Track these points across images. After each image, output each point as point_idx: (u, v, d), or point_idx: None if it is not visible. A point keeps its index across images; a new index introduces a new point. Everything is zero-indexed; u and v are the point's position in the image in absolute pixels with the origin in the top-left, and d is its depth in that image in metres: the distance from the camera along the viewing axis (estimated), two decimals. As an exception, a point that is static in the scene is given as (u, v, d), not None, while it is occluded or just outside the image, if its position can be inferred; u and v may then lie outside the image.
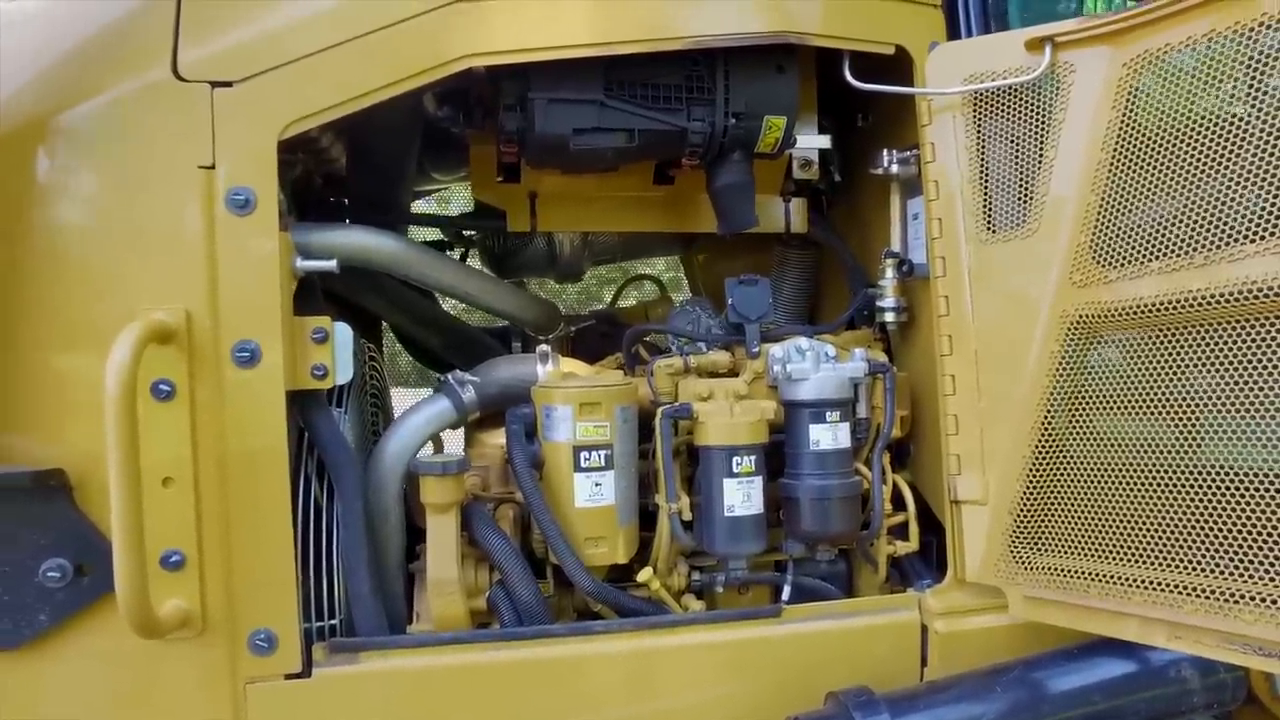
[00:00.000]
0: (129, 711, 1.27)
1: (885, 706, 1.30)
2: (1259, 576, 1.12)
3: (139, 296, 1.24)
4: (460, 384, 1.56)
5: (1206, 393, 1.22)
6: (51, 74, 1.26)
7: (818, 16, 1.46)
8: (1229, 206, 1.17)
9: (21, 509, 1.20)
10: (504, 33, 1.33)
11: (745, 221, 1.60)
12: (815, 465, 1.49)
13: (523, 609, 1.41)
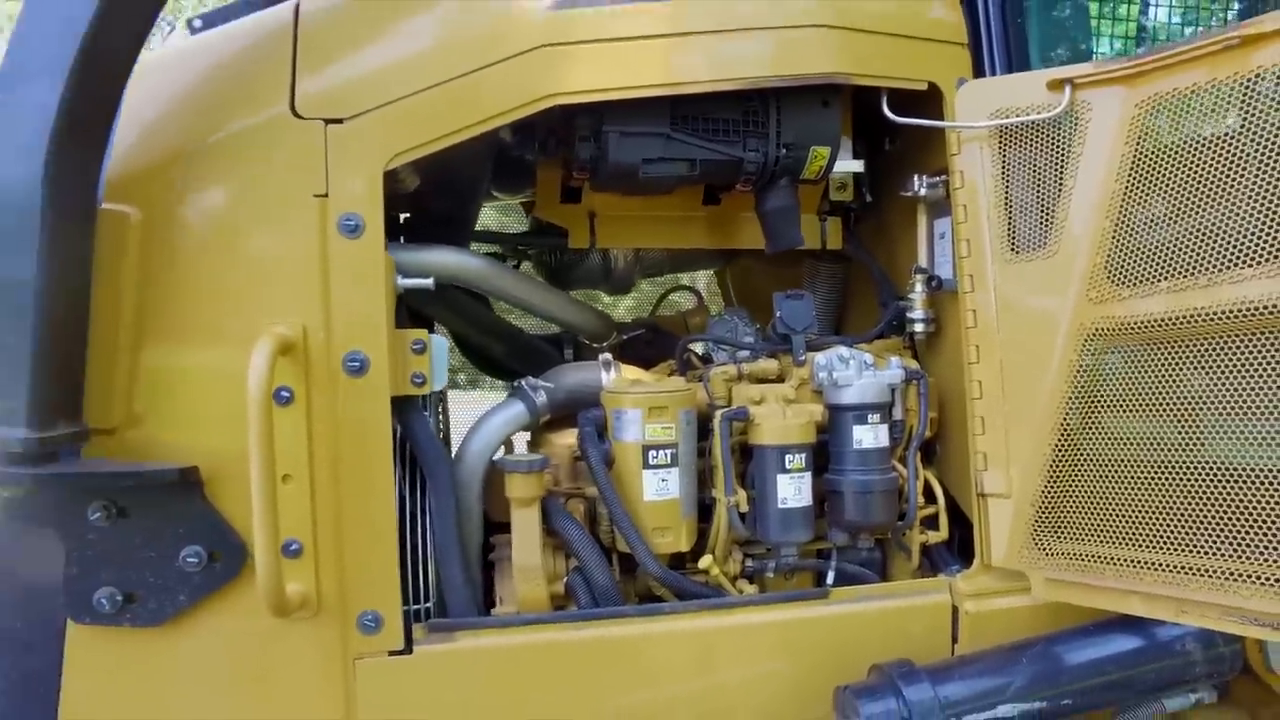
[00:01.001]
0: (253, 683, 1.41)
1: (926, 676, 1.46)
2: (1256, 558, 1.28)
3: (262, 312, 1.39)
4: (533, 389, 1.71)
5: (1207, 398, 1.38)
6: (189, 108, 1.40)
7: (861, 58, 1.62)
8: (1229, 235, 1.34)
9: (165, 502, 1.34)
10: (584, 75, 1.48)
11: (793, 241, 1.77)
12: (858, 462, 1.65)
13: (598, 592, 1.57)
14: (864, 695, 1.45)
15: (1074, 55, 2.02)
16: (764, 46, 1.56)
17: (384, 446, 1.44)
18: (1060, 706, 1.49)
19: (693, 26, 1.52)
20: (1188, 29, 2.46)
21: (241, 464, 1.35)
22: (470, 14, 1.48)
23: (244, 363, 1.33)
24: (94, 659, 1.36)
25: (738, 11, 1.54)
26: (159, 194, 1.37)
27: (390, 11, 1.47)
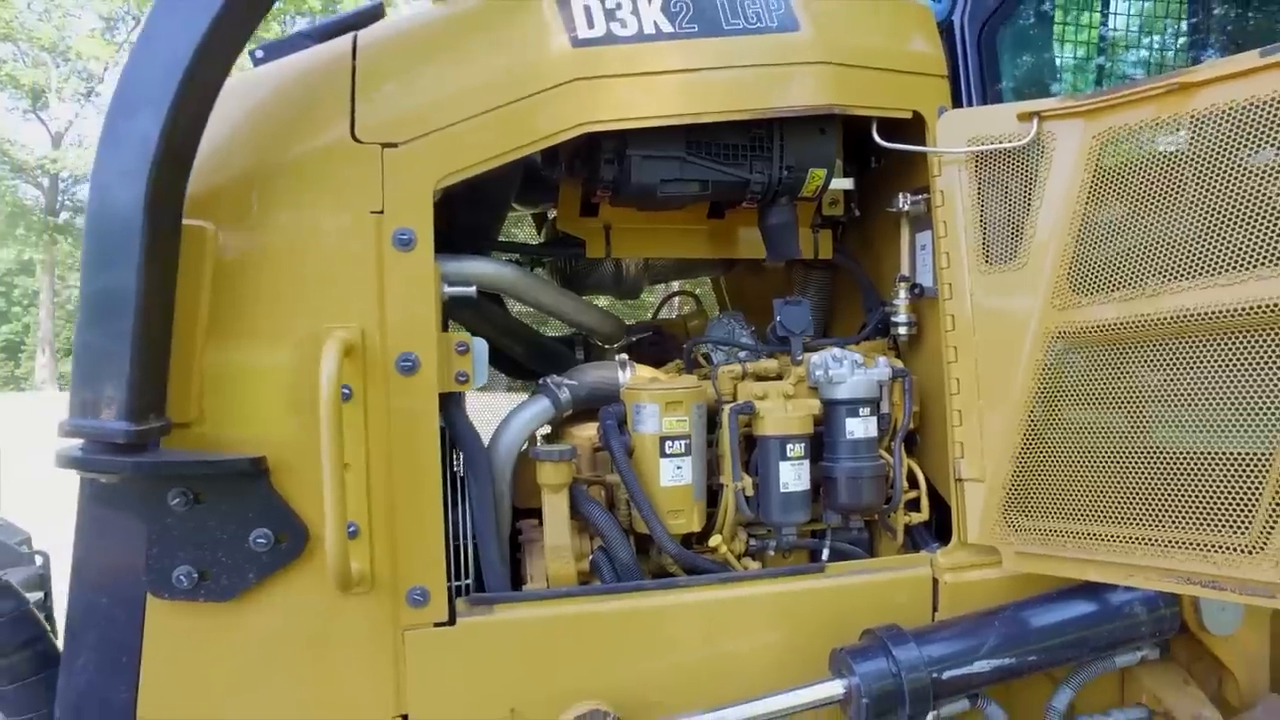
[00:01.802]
0: (313, 653, 1.56)
1: (911, 637, 1.66)
2: (1190, 527, 1.50)
3: (323, 317, 1.53)
4: (557, 386, 1.88)
5: (1152, 391, 1.60)
6: (258, 132, 1.54)
7: (854, 91, 1.81)
8: (1170, 252, 1.55)
9: (238, 488, 1.49)
10: (613, 105, 1.65)
11: (791, 252, 1.96)
12: (850, 451, 1.85)
13: (620, 568, 1.74)
14: (857, 655, 1.64)
15: (1041, 87, 2.23)
16: (770, 81, 1.74)
17: (432, 439, 1.60)
18: (1027, 662, 1.70)
19: (707, 63, 1.71)
20: (1144, 38, 2.70)
21: (303, 454, 1.52)
22: (510, 49, 1.64)
23: (308, 363, 1.49)
24: (172, 631, 1.50)
25: (747, 50, 1.73)
26: (232, 210, 1.51)
27: (438, 48, 1.63)
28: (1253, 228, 1.43)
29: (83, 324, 1.32)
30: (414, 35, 1.65)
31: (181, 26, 1.29)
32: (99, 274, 1.31)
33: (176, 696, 1.51)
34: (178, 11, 1.29)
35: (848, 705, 1.62)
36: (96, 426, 1.32)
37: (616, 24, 1.67)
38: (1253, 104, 1.44)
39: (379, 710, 1.58)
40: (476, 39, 1.64)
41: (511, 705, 1.62)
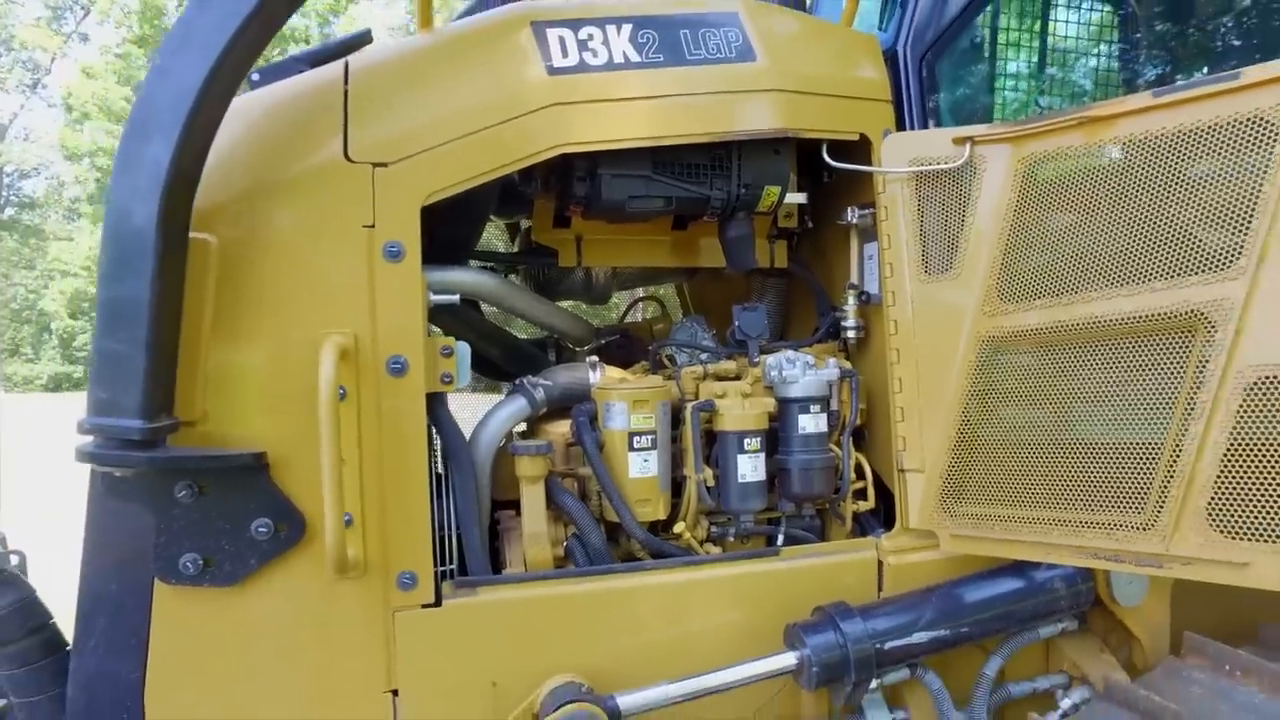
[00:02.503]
0: (311, 633, 1.68)
1: (857, 613, 1.83)
2: (1098, 508, 1.70)
3: (319, 323, 1.66)
4: (533, 386, 2.02)
5: (1069, 389, 1.79)
6: (256, 152, 1.66)
7: (806, 115, 1.98)
8: (1083, 266, 1.75)
9: (240, 481, 1.61)
10: (586, 129, 1.80)
11: (748, 263, 2.12)
12: (802, 445, 2.02)
13: (592, 553, 1.89)
14: (809, 630, 1.81)
15: (975, 111, 2.43)
16: (729, 107, 1.91)
17: (420, 435, 1.73)
18: (960, 634, 1.88)
19: (672, 90, 1.86)
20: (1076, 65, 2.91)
21: (300, 449, 1.64)
22: (491, 77, 1.78)
23: (305, 366, 1.62)
24: (178, 614, 1.61)
25: (708, 78, 1.89)
26: (233, 224, 1.63)
27: (425, 74, 1.76)
28: (1148, 247, 1.63)
29: (101, 330, 1.43)
30: (402, 62, 1.78)
31: (192, 60, 1.41)
32: (115, 285, 1.43)
33: (182, 675, 1.62)
34: (189, 46, 1.41)
35: (800, 674, 1.79)
36: (113, 424, 1.43)
37: (589, 54, 1.82)
38: (1147, 137, 1.64)
39: (371, 686, 1.71)
40: (460, 67, 1.78)
41: (494, 679, 1.76)
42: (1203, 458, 1.53)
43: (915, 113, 2.14)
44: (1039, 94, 2.63)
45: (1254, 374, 1.47)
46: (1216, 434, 1.51)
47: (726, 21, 1.94)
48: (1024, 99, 2.61)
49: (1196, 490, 1.54)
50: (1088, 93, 2.70)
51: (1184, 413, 1.56)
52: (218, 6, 1.41)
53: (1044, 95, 2.62)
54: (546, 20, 1.82)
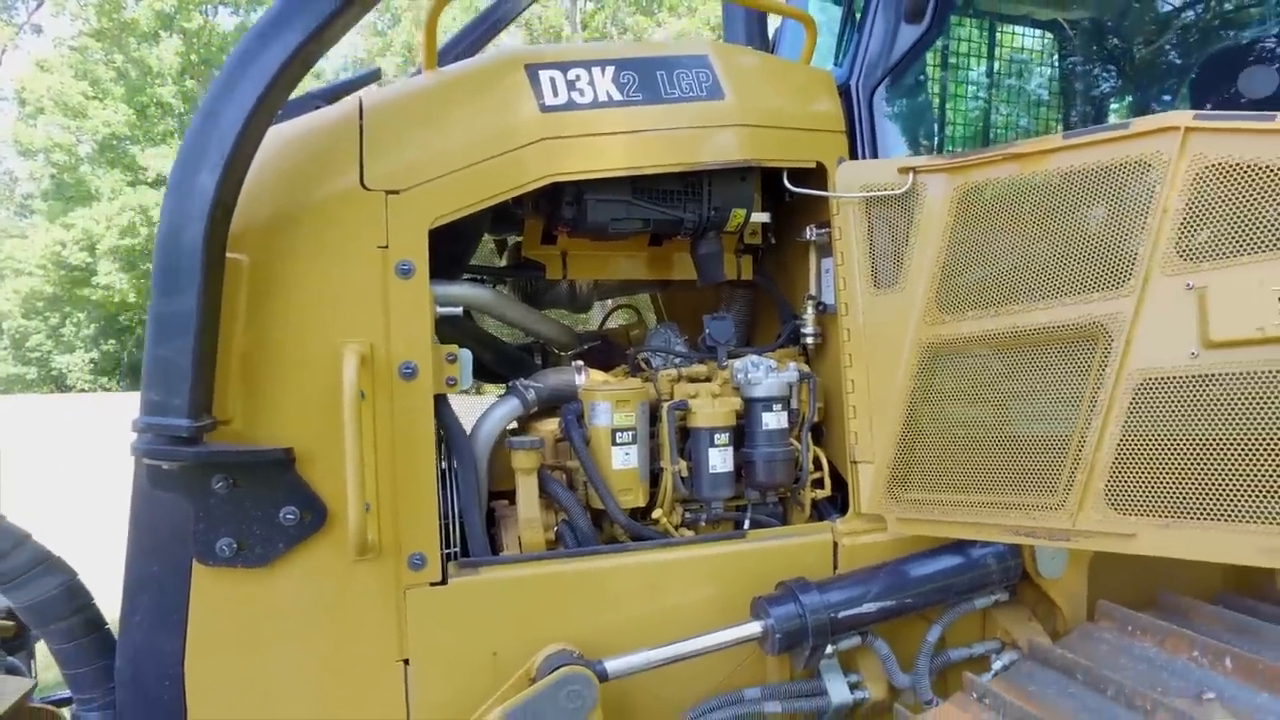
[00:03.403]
0: (331, 609, 1.88)
1: (815, 587, 2.08)
2: (1023, 492, 1.97)
3: (339, 333, 1.87)
4: (525, 388, 2.25)
5: (997, 390, 2.06)
6: (281, 180, 1.86)
7: (769, 146, 2.23)
8: (1008, 282, 2.02)
9: (270, 475, 1.81)
10: (574, 160, 2.03)
11: (718, 277, 2.37)
12: (766, 440, 2.26)
13: (580, 537, 2.12)
14: (773, 602, 2.05)
15: (920, 142, 2.69)
16: (700, 140, 2.15)
17: (428, 432, 1.95)
18: (905, 604, 2.14)
19: (650, 125, 2.10)
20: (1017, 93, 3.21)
21: (322, 446, 1.85)
22: (490, 114, 2.00)
23: (326, 372, 1.83)
24: (214, 593, 1.81)
25: (682, 115, 2.13)
26: (262, 245, 1.83)
27: (431, 111, 1.98)
28: (1060, 266, 1.90)
29: (153, 340, 1.63)
30: (411, 100, 1.99)
31: (236, 102, 1.61)
32: (167, 300, 1.62)
33: (218, 646, 1.82)
34: (234, 91, 1.61)
35: (764, 641, 2.03)
36: (164, 423, 1.63)
37: (576, 93, 2.05)
38: (1059, 173, 1.91)
39: (385, 656, 1.92)
40: (463, 104, 1.99)
41: (494, 649, 1.97)
42: (1101, 447, 1.80)
43: (865, 142, 2.40)
44: (977, 126, 2.91)
45: (1140, 376, 1.74)
46: (1112, 427, 1.79)
47: (698, 63, 2.18)
48: (963, 130, 2.89)
49: (1097, 475, 1.81)
50: (1022, 125, 2.99)
51: (1087, 409, 1.84)
52: (261, 53, 1.61)
53: (981, 127, 2.91)
54: (539, 63, 2.05)
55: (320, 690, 1.89)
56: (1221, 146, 1.68)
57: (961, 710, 1.91)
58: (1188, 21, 2.68)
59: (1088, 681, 1.85)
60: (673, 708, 2.09)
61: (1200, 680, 1.77)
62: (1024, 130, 2.99)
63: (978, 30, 2.87)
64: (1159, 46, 2.77)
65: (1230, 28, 2.45)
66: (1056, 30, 3.18)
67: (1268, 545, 1.59)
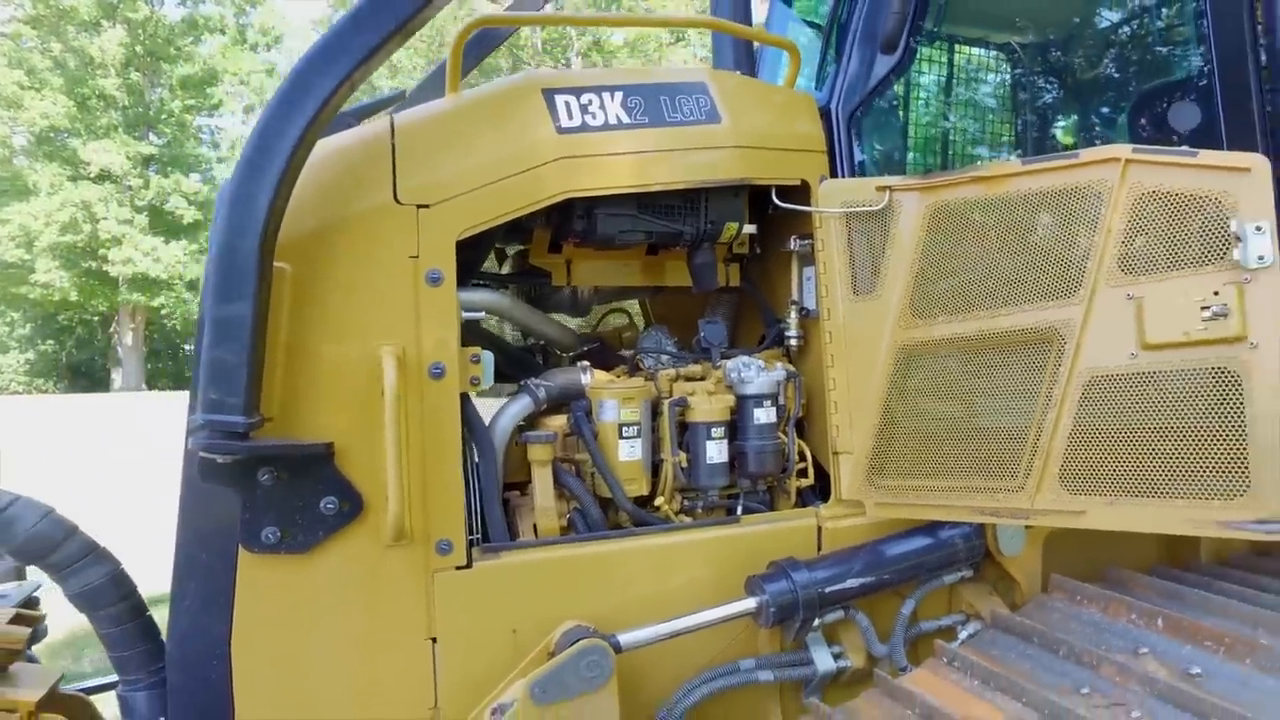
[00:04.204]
0: (366, 592, 2.03)
1: (804, 565, 2.30)
2: (985, 477, 2.22)
3: (374, 336, 2.02)
4: (536, 387, 2.42)
5: (964, 387, 2.31)
6: (319, 195, 2.00)
7: (760, 166, 2.45)
8: (973, 290, 2.26)
9: (313, 467, 1.96)
10: (587, 178, 2.21)
11: (712, 285, 2.58)
12: (757, 433, 2.47)
13: (591, 523, 2.31)
14: (767, 579, 2.26)
15: (893, 162, 2.94)
16: (699, 161, 2.35)
17: (455, 428, 2.11)
18: (883, 580, 2.37)
19: (654, 147, 2.30)
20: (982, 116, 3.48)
21: (358, 440, 2.01)
22: (511, 135, 2.18)
23: (362, 372, 1.99)
24: (259, 577, 1.95)
25: (683, 137, 2.33)
26: (303, 255, 1.98)
27: (458, 131, 2.15)
28: (1020, 277, 2.16)
29: (210, 343, 1.77)
30: (439, 121, 2.16)
31: (294, 123, 1.76)
32: (224, 306, 1.77)
33: (262, 628, 1.96)
34: (291, 113, 1.76)
35: (759, 614, 2.25)
36: (222, 419, 1.77)
37: (589, 116, 2.24)
38: (1019, 194, 2.17)
39: (415, 634, 2.08)
40: (486, 126, 2.17)
41: (514, 627, 2.14)
42: (1056, 437, 2.06)
43: (844, 161, 2.63)
44: (945, 147, 3.18)
45: (1088, 374, 2.00)
46: (1065, 420, 2.05)
47: (697, 89, 2.39)
48: (934, 151, 3.15)
49: (1052, 461, 2.07)
50: (985, 148, 3.27)
51: (1043, 404, 2.09)
52: (316, 78, 1.77)
53: (949, 149, 3.17)
54: (555, 88, 2.23)
55: (356, 667, 2.04)
56: (1154, 177, 1.95)
57: (933, 674, 2.15)
58: (1126, 57, 2.98)
59: (1042, 644, 2.11)
60: (674, 678, 2.28)
61: (1137, 638, 2.04)
62: (984, 147, 3.26)
63: (944, 60, 3.13)
64: (1100, 79, 3.07)
65: (1162, 68, 2.75)
66: (1011, 54, 3.47)
67: (1192, 517, 1.87)
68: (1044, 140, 3.41)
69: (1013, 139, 3.28)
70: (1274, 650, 1.81)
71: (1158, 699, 1.79)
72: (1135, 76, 2.94)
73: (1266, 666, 1.79)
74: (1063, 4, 3.21)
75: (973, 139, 3.20)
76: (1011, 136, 3.30)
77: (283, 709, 1.98)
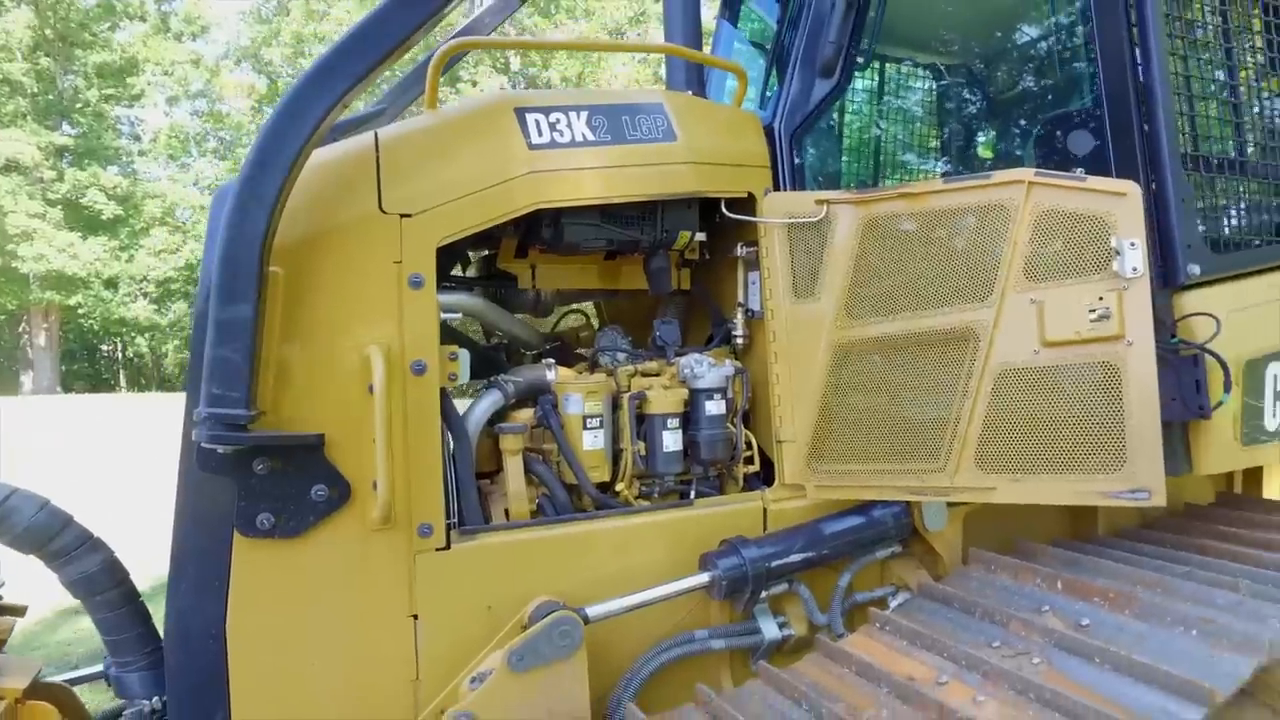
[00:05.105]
0: (353, 573, 2.18)
1: (752, 542, 2.54)
2: (912, 460, 2.50)
3: (360, 336, 2.19)
4: (505, 382, 2.61)
5: (893, 380, 2.59)
6: (308, 204, 2.14)
7: (710, 180, 2.68)
8: (899, 294, 2.54)
9: (304, 457, 2.11)
10: (554, 191, 2.41)
11: (667, 288, 2.81)
12: (708, 424, 2.71)
13: (558, 507, 2.51)
14: (719, 555, 2.50)
15: (830, 177, 3.22)
16: (656, 175, 2.58)
17: (435, 420, 2.28)
18: (822, 555, 2.63)
19: (616, 163, 2.51)
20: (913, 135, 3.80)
21: (346, 432, 2.17)
22: (486, 150, 2.36)
23: (349, 369, 2.15)
24: (253, 560, 2.09)
25: (642, 154, 2.55)
26: (294, 260, 2.12)
27: (438, 146, 2.32)
28: (942, 282, 2.45)
29: (214, 342, 1.91)
30: (420, 136, 2.32)
31: (293, 138, 1.92)
32: (228, 307, 1.91)
33: (255, 608, 2.10)
34: (290, 128, 1.92)
35: (712, 588, 2.48)
36: (225, 413, 1.92)
37: (557, 133, 2.44)
38: (941, 209, 2.46)
39: (398, 612, 2.24)
40: (464, 141, 2.35)
41: (489, 604, 2.31)
42: (972, 423, 2.35)
43: (786, 175, 2.89)
44: (877, 158, 3.48)
45: (999, 368, 2.30)
46: (979, 408, 2.34)
47: (654, 109, 2.61)
48: (866, 164, 3.45)
49: (968, 445, 2.36)
50: (913, 156, 3.58)
51: (961, 395, 2.38)
52: (315, 97, 1.92)
53: (880, 160, 3.48)
54: (526, 107, 2.43)
55: (344, 643, 2.19)
56: (1052, 197, 2.26)
57: (867, 637, 2.42)
58: (1035, 84, 3.33)
59: (961, 608, 2.40)
60: (636, 647, 2.49)
61: (1040, 599, 2.34)
62: (912, 155, 3.58)
63: (878, 84, 3.43)
64: (1013, 101, 3.41)
65: (1064, 96, 3.09)
66: (936, 74, 3.80)
67: (1080, 489, 2.18)
68: (968, 151, 3.75)
69: (938, 151, 3.60)
70: (1148, 602, 2.13)
71: (1055, 647, 2.09)
72: (1041, 103, 3.28)
73: (1141, 615, 2.11)
74: (979, 31, 3.55)
75: (903, 145, 3.51)
76: (938, 148, 3.62)
77: (275, 684, 2.12)
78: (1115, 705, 1.82)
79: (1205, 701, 1.76)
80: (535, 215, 2.53)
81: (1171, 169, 2.60)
